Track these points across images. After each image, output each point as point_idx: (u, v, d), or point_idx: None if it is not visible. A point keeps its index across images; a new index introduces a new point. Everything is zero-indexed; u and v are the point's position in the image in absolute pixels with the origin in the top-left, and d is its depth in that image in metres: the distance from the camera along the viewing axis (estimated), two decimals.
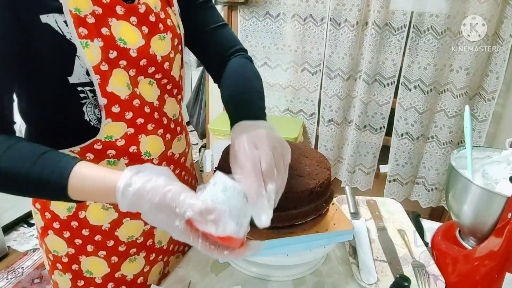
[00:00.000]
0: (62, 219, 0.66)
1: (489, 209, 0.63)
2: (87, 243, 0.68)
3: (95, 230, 0.67)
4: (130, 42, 0.58)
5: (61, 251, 0.69)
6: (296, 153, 0.77)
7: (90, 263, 0.69)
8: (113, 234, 0.68)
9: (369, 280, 0.70)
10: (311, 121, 2.09)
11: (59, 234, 0.67)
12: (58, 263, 0.70)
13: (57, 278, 0.72)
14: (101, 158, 0.61)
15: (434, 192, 1.96)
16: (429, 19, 1.66)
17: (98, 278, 0.70)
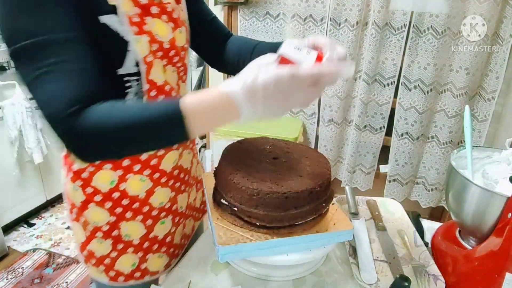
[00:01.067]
0: (104, 192, 0.75)
1: (489, 209, 0.63)
2: (126, 211, 0.77)
3: (133, 199, 0.77)
4: (164, 36, 0.68)
5: (101, 221, 0.77)
6: (296, 153, 0.77)
7: (129, 228, 0.79)
8: (147, 202, 0.78)
9: (369, 280, 0.70)
10: (311, 121, 2.09)
11: (101, 205, 0.76)
12: (98, 231, 0.78)
13: (94, 246, 0.80)
14: None
15: (434, 192, 1.96)
16: (429, 19, 1.66)
17: (136, 240, 0.80)
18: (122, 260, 0.80)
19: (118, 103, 0.55)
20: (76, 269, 1.85)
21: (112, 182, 0.74)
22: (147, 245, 0.82)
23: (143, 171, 0.75)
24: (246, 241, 0.64)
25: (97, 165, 0.73)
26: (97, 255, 0.80)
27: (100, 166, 0.73)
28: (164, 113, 0.52)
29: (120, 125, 0.52)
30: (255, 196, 0.63)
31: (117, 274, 0.81)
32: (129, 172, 0.74)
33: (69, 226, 0.86)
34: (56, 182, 2.31)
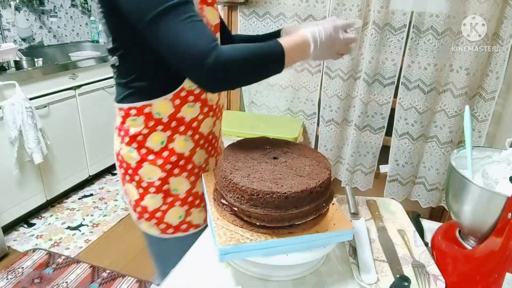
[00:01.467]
0: (156, 151, 0.89)
1: (489, 209, 0.63)
2: (174, 167, 0.91)
3: (180, 156, 0.90)
4: (214, 21, 0.85)
5: (154, 177, 0.90)
6: (296, 153, 0.77)
7: (176, 182, 0.92)
8: (191, 160, 0.93)
9: (369, 280, 0.69)
10: (311, 121, 2.09)
11: (153, 163, 0.89)
12: (151, 187, 0.91)
13: (148, 201, 0.93)
14: (185, 103, 0.86)
15: (434, 192, 1.96)
16: (429, 19, 1.66)
17: (182, 194, 0.93)
18: (171, 213, 0.94)
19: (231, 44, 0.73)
20: (76, 269, 1.85)
21: (162, 142, 0.88)
22: (191, 200, 0.95)
23: (187, 132, 0.89)
24: (246, 241, 0.64)
25: (150, 127, 0.87)
26: (149, 209, 0.93)
27: (153, 129, 0.87)
28: (274, 48, 0.73)
29: (247, 54, 0.71)
30: (255, 196, 0.63)
31: (167, 226, 0.95)
32: (176, 133, 0.88)
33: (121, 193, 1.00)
34: (56, 182, 2.31)
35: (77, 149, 2.43)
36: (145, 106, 0.85)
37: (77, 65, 2.30)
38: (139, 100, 0.85)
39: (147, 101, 0.84)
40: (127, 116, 0.88)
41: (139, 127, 0.87)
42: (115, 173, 2.85)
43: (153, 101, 0.84)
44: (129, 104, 0.86)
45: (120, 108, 0.89)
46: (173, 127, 0.87)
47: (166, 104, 0.85)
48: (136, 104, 0.85)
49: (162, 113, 0.85)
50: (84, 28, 3.04)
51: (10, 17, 2.43)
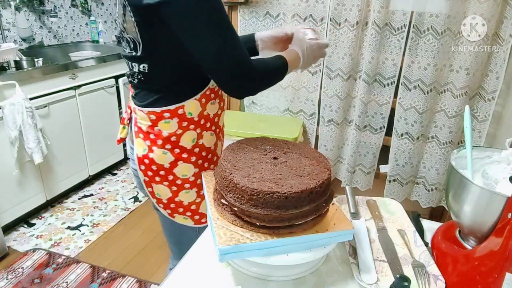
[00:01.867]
0: (189, 149, 0.96)
1: (489, 209, 0.63)
2: (205, 162, 1.00)
3: (208, 151, 1.00)
4: None
5: (189, 174, 0.98)
6: (296, 153, 0.77)
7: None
8: (215, 152, 1.03)
9: (369, 280, 0.69)
10: (311, 121, 2.10)
11: (188, 161, 0.97)
12: (186, 183, 0.99)
13: (182, 197, 1.00)
14: (209, 100, 0.95)
15: (434, 192, 1.96)
16: (429, 19, 1.66)
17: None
18: (204, 204, 1.02)
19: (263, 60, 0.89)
20: (76, 269, 1.85)
21: (193, 140, 0.96)
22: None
23: (211, 127, 0.99)
24: (246, 241, 0.64)
25: (184, 127, 0.94)
26: (184, 204, 1.01)
27: (186, 128, 0.94)
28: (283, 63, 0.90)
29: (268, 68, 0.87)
30: (255, 196, 0.63)
31: (200, 216, 1.03)
32: (204, 129, 0.97)
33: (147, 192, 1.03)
34: (56, 182, 2.31)
35: (77, 149, 2.43)
36: (178, 108, 0.91)
37: (77, 65, 2.30)
38: (173, 103, 0.91)
39: (180, 103, 0.91)
40: (160, 119, 0.92)
41: (173, 128, 0.93)
42: (115, 173, 2.85)
43: (185, 102, 0.91)
44: (162, 108, 0.91)
45: (151, 111, 0.92)
46: (202, 125, 0.96)
47: (196, 104, 0.92)
48: (170, 107, 0.91)
49: (193, 113, 0.93)
50: (84, 28, 3.04)
51: (10, 17, 2.43)
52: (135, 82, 0.95)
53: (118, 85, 2.61)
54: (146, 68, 0.89)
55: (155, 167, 0.96)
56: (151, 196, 1.02)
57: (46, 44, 2.72)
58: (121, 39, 0.93)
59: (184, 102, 0.91)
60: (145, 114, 0.93)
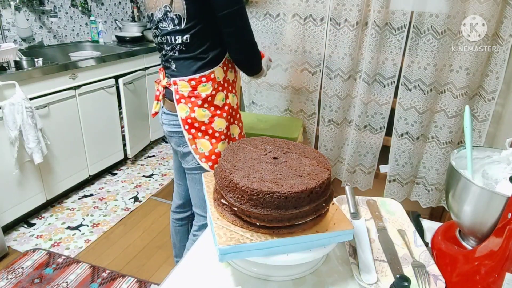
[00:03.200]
0: (220, 107, 1.23)
1: (489, 209, 0.63)
2: (231, 117, 1.28)
3: (233, 108, 1.28)
4: None
5: (223, 127, 1.25)
6: (296, 153, 0.77)
7: (233, 129, 1.31)
8: (238, 110, 1.33)
9: (369, 280, 0.70)
10: (311, 121, 2.09)
11: (221, 116, 1.24)
12: (222, 135, 1.26)
13: (220, 147, 1.26)
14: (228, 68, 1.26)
15: (434, 192, 1.96)
16: (429, 19, 1.66)
17: (236, 136, 1.33)
18: None
19: None
20: (76, 269, 1.85)
21: (223, 99, 1.24)
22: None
23: (233, 90, 1.29)
24: (246, 241, 0.64)
25: (216, 89, 1.21)
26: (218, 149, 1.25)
27: (217, 90, 1.21)
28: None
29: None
30: (255, 196, 0.63)
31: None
32: (228, 91, 1.26)
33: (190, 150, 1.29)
34: (56, 182, 2.31)
35: (77, 149, 2.43)
36: (211, 72, 1.19)
37: (77, 65, 2.30)
38: (207, 69, 1.18)
39: (212, 68, 1.19)
40: (199, 83, 1.19)
41: (209, 90, 1.19)
42: (115, 173, 2.85)
43: (215, 68, 1.19)
44: (200, 74, 1.18)
45: (191, 78, 1.19)
46: (226, 87, 1.24)
47: (221, 70, 1.21)
48: (205, 73, 1.18)
49: (220, 77, 1.21)
50: (84, 28, 3.04)
51: (10, 17, 2.42)
52: (176, 55, 1.19)
53: (118, 85, 2.61)
54: (188, 38, 1.14)
55: (197, 124, 1.22)
56: (195, 152, 1.26)
57: (46, 44, 2.72)
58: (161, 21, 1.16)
59: (213, 68, 1.19)
60: (186, 82, 1.19)
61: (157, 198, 2.56)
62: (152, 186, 2.70)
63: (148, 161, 3.07)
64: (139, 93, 2.87)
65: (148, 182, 2.75)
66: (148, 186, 2.69)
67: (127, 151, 2.84)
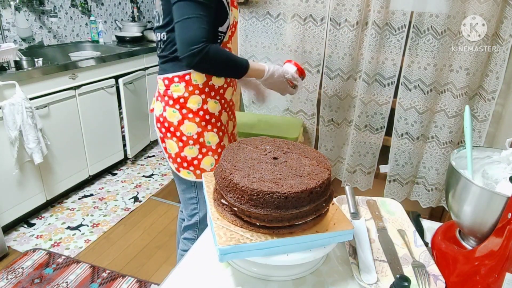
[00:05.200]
0: (194, 111, 1.16)
1: (489, 209, 0.63)
2: (208, 124, 1.19)
3: (212, 115, 1.19)
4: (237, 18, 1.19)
5: (193, 131, 1.18)
6: (296, 153, 0.77)
7: (209, 136, 1.20)
8: (220, 119, 1.22)
9: (369, 280, 0.70)
10: (311, 121, 2.10)
11: (192, 120, 1.17)
12: (190, 140, 1.18)
13: (186, 152, 1.20)
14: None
15: (434, 192, 1.96)
16: (429, 19, 1.66)
17: (213, 145, 1.21)
18: (205, 161, 1.21)
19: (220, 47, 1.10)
20: (76, 269, 1.85)
21: (199, 103, 1.16)
22: (220, 151, 1.22)
23: (216, 97, 1.18)
24: (246, 241, 0.64)
25: (190, 92, 1.15)
26: (188, 159, 1.20)
27: (192, 92, 1.15)
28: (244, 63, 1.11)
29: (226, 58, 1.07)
30: (255, 196, 0.63)
31: (201, 171, 1.21)
32: (209, 96, 1.17)
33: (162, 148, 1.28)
34: (56, 182, 2.31)
35: (77, 149, 2.43)
36: (185, 74, 1.13)
37: (77, 65, 2.30)
38: (180, 70, 1.13)
39: (187, 70, 1.13)
40: (171, 83, 1.15)
41: (181, 91, 1.15)
42: (115, 173, 2.85)
43: (191, 70, 1.13)
44: (173, 73, 1.14)
45: (165, 77, 1.16)
46: (207, 92, 1.16)
47: (200, 74, 1.14)
48: (178, 73, 1.13)
49: (198, 80, 1.14)
50: (84, 28, 3.04)
51: (10, 17, 2.42)
52: (159, 52, 1.17)
53: (118, 85, 2.61)
54: (165, 36, 1.12)
55: (166, 124, 1.18)
56: (164, 151, 1.24)
57: (46, 44, 2.72)
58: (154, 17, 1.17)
59: (190, 70, 1.13)
60: (161, 80, 1.17)
61: (157, 198, 2.56)
62: (152, 186, 2.70)
63: (148, 161, 3.07)
64: (139, 93, 2.87)
65: (148, 182, 2.75)
66: (148, 186, 2.69)
67: (127, 151, 2.84)
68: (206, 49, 0.98)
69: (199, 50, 0.98)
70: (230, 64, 1.08)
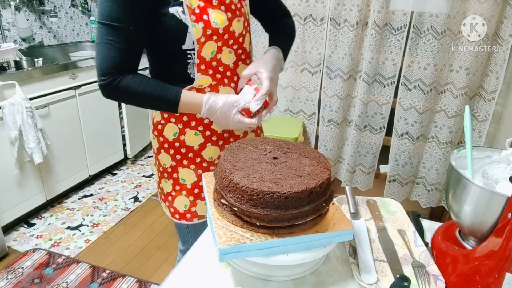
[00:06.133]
0: (170, 141, 0.99)
1: (489, 209, 0.63)
2: (184, 158, 1.00)
3: (189, 149, 0.99)
4: (220, 23, 0.88)
5: (167, 164, 1.01)
6: (296, 153, 0.77)
7: (184, 173, 1.01)
8: (200, 154, 1.00)
9: (369, 280, 0.69)
10: (311, 121, 2.10)
11: (167, 151, 1.00)
12: (165, 173, 1.03)
13: (163, 184, 1.05)
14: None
15: (434, 192, 1.96)
16: (429, 19, 1.66)
17: (189, 184, 1.02)
18: (178, 200, 1.03)
19: (141, 78, 0.86)
20: (76, 269, 1.85)
21: (175, 134, 0.98)
22: (197, 192, 1.02)
23: (198, 127, 0.97)
24: (246, 241, 0.64)
25: (165, 119, 0.97)
26: (164, 192, 1.05)
27: (167, 120, 0.97)
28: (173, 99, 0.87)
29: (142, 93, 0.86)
30: (255, 196, 0.63)
31: (175, 211, 1.05)
32: (187, 126, 0.97)
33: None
34: (56, 182, 2.31)
35: (77, 149, 2.43)
36: None
37: (77, 65, 2.30)
38: None
39: None
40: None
41: (158, 117, 0.99)
42: (115, 173, 2.85)
43: None
44: None
45: None
46: (185, 121, 0.97)
47: None
48: None
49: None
50: (84, 28, 3.04)
51: (10, 17, 2.42)
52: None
53: None
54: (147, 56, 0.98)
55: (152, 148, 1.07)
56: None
57: (46, 44, 2.72)
58: None
59: None
60: None
61: (157, 198, 2.56)
62: (152, 186, 2.70)
63: (148, 161, 3.07)
64: None
65: (148, 182, 2.75)
66: (148, 186, 2.69)
67: (127, 151, 2.84)
68: (115, 83, 0.83)
69: (106, 83, 0.83)
70: (150, 99, 0.87)
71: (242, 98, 0.87)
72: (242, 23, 0.93)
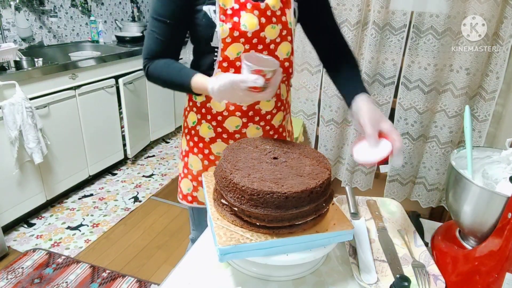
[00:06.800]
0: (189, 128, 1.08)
1: (489, 209, 0.63)
2: (195, 146, 1.08)
3: (201, 139, 1.06)
4: (249, 27, 0.90)
5: (183, 148, 1.13)
6: (296, 153, 0.77)
7: (193, 160, 1.10)
8: (209, 146, 1.06)
9: (369, 280, 0.70)
10: (311, 121, 2.09)
11: (185, 136, 1.11)
12: (181, 155, 1.15)
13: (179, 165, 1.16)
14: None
15: (434, 192, 1.96)
16: (429, 19, 1.66)
17: (194, 171, 1.10)
18: (184, 182, 1.13)
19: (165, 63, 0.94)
20: (76, 269, 1.85)
21: (194, 122, 1.06)
22: (201, 179, 1.07)
23: (212, 122, 1.03)
24: (246, 241, 0.64)
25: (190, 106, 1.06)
26: (179, 171, 1.16)
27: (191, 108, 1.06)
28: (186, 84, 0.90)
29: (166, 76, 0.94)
30: (255, 196, 0.63)
31: (180, 191, 1.16)
32: (204, 118, 1.03)
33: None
34: (56, 182, 2.31)
35: (77, 149, 2.43)
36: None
37: (77, 65, 2.30)
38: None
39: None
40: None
41: (186, 104, 1.09)
42: (115, 173, 2.85)
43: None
44: None
45: None
46: (203, 113, 1.03)
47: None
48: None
49: (197, 98, 1.03)
50: (84, 28, 3.04)
51: (10, 17, 2.42)
52: None
53: (118, 85, 2.61)
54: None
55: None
56: None
57: (46, 44, 2.72)
58: None
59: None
60: None
61: (157, 198, 2.56)
62: (152, 186, 2.70)
63: (148, 161, 3.07)
64: (139, 93, 2.87)
65: (148, 182, 2.75)
66: (148, 186, 2.69)
67: (127, 151, 2.84)
68: (147, 68, 0.96)
69: (143, 67, 0.97)
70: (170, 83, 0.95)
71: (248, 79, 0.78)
72: (278, 30, 0.93)
